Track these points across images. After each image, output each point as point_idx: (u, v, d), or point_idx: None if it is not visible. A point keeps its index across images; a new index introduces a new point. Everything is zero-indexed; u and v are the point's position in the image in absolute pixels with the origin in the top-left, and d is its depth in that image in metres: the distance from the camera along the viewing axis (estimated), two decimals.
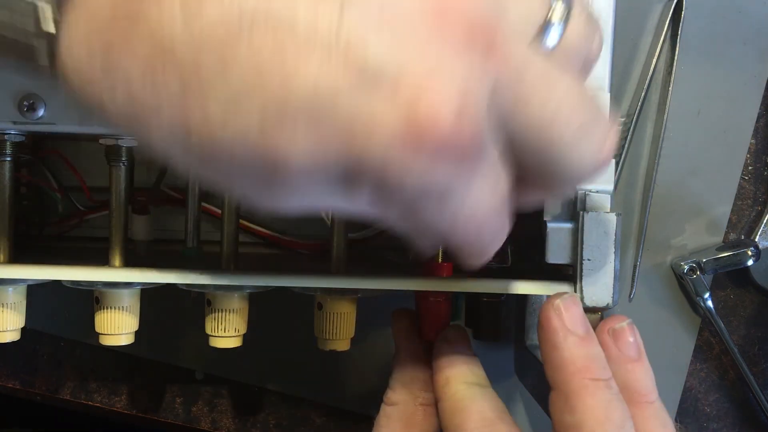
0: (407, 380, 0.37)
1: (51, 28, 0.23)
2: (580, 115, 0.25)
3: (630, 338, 0.34)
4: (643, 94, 0.46)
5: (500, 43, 0.22)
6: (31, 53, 0.23)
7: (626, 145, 0.46)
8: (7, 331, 0.37)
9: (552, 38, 0.24)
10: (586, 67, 0.27)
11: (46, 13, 0.23)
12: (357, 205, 0.24)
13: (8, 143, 0.35)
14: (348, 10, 0.21)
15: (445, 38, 0.21)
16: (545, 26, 0.24)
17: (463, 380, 0.35)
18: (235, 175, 0.23)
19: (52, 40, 0.23)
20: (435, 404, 0.36)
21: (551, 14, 0.24)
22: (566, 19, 0.25)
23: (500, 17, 0.23)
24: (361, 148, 0.21)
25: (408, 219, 0.25)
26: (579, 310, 0.32)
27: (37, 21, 0.23)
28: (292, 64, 0.20)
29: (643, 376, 0.33)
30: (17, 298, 0.37)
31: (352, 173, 0.22)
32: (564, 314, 0.32)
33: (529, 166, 0.26)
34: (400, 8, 0.21)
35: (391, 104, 0.21)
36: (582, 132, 0.25)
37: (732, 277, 0.48)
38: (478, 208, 0.25)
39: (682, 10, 0.46)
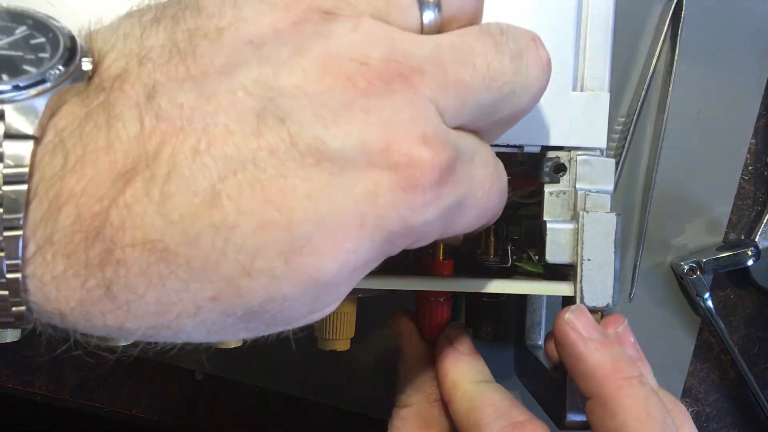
0: (417, 381, 0.37)
1: (16, 275, 0.21)
2: (503, 49, 0.26)
3: (631, 339, 0.35)
4: (643, 94, 0.46)
5: (408, 65, 0.23)
6: (3, 305, 0.21)
7: (626, 145, 0.46)
8: (7, 331, 0.37)
9: (429, 15, 0.25)
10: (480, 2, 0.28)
11: (6, 261, 0.20)
12: (396, 252, 0.26)
13: None
14: (288, 122, 0.22)
15: (371, 96, 0.23)
16: (421, 7, 0.25)
17: (469, 380, 0.35)
18: (282, 312, 0.23)
19: (22, 286, 0.21)
20: None
21: None
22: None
23: (391, 43, 0.24)
24: (378, 224, 0.23)
25: (445, 234, 0.27)
26: (590, 317, 0.33)
27: None
28: (277, 194, 0.21)
29: (647, 372, 0.34)
30: None
31: (382, 243, 0.23)
32: (577, 325, 0.32)
33: (498, 119, 0.27)
34: (320, 96, 0.22)
35: (376, 175, 0.22)
36: (515, 59, 0.26)
37: (732, 277, 0.48)
38: (487, 186, 0.27)
39: (682, 10, 0.46)
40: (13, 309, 0.21)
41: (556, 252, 0.34)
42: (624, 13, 0.45)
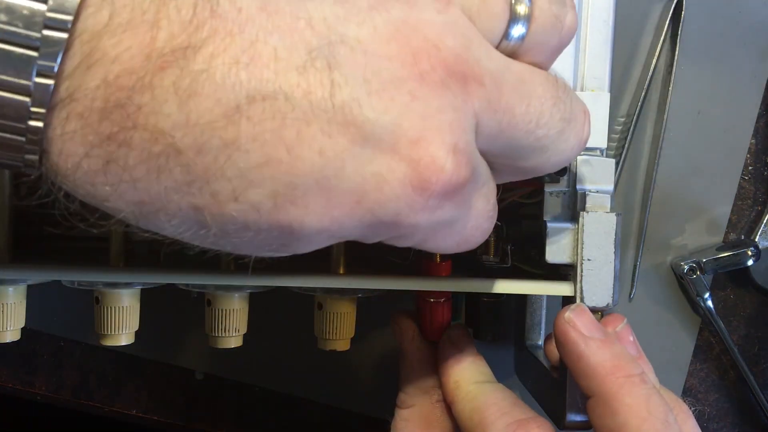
0: (419, 382, 0.37)
1: (38, 123, 0.21)
2: (560, 107, 0.26)
3: (630, 337, 0.34)
4: (643, 94, 0.46)
5: (473, 70, 0.23)
6: (17, 150, 0.21)
7: (626, 145, 0.46)
8: (7, 331, 0.37)
9: (518, 30, 0.25)
10: (561, 43, 0.27)
11: (31, 107, 0.20)
12: (371, 241, 0.25)
13: None
14: (336, 72, 0.21)
15: (426, 83, 0.22)
16: (510, 22, 0.25)
17: (472, 381, 0.35)
18: (251, 243, 0.23)
19: (40, 135, 0.21)
20: None
21: (514, 8, 0.25)
22: (529, 10, 0.25)
23: (468, 41, 0.23)
24: (373, 206, 0.22)
25: (418, 245, 0.27)
26: (590, 315, 0.33)
27: (21, 117, 0.21)
28: (295, 138, 0.21)
29: (648, 370, 0.34)
30: (17, 298, 0.37)
31: (367, 226, 0.23)
32: (578, 323, 0.32)
33: (518, 166, 0.27)
34: (379, 61, 0.22)
35: (394, 161, 0.22)
36: (564, 122, 0.26)
37: (732, 277, 0.48)
38: (480, 223, 0.27)
39: (682, 10, 0.46)
40: (26, 156, 0.21)
41: (556, 252, 0.34)
42: (624, 13, 0.45)
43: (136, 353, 0.48)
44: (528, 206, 0.39)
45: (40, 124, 0.21)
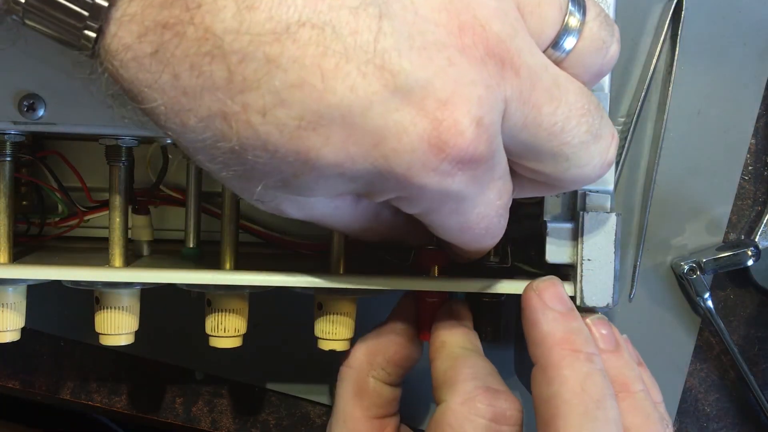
0: (370, 348, 0.37)
1: (103, 1, 0.22)
2: (588, 120, 0.26)
3: (603, 330, 0.33)
4: (643, 94, 0.46)
5: (512, 58, 0.24)
6: (78, 20, 0.22)
7: (626, 145, 0.46)
8: (7, 331, 0.37)
9: (568, 43, 0.26)
10: (602, 70, 0.28)
11: None
12: (378, 198, 0.25)
13: (8, 143, 0.35)
14: (385, 21, 0.22)
15: (465, 54, 0.23)
16: (561, 33, 0.26)
17: (458, 345, 0.35)
18: (263, 168, 0.24)
19: (103, 13, 0.22)
20: (390, 383, 0.36)
21: (567, 21, 0.26)
22: (580, 27, 0.26)
23: (514, 32, 0.24)
24: (389, 153, 0.23)
25: (424, 216, 0.27)
26: (559, 289, 0.32)
27: None
28: (331, 70, 0.22)
29: (620, 365, 0.32)
30: (17, 298, 0.37)
31: (377, 172, 0.24)
32: (543, 293, 0.31)
33: (537, 170, 0.27)
34: (426, 24, 0.23)
35: (418, 115, 0.23)
36: (590, 136, 0.26)
37: (732, 277, 0.48)
38: (486, 213, 0.27)
39: (682, 10, 0.46)
40: (85, 31, 0.22)
41: (556, 252, 0.34)
42: (624, 13, 0.45)
43: (136, 353, 0.48)
44: (528, 206, 0.39)
45: (105, 2, 0.22)
